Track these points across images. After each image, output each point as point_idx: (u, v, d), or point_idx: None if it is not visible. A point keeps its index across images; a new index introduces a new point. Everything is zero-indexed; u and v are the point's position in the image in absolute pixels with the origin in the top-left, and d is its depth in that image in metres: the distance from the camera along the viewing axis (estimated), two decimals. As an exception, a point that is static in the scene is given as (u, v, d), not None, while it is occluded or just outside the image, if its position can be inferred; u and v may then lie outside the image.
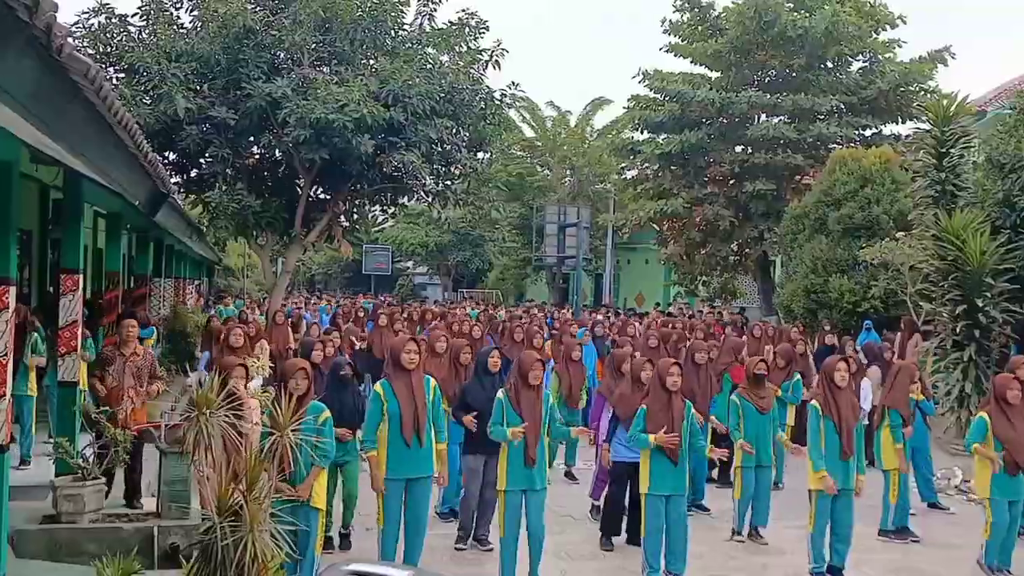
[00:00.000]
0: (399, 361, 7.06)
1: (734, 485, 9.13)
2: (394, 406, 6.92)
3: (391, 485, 6.97)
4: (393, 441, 6.93)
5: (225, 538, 4.85)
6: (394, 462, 6.94)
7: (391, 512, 7.00)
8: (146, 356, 8.39)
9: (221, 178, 16.39)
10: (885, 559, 8.52)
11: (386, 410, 6.94)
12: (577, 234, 33.91)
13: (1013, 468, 7.83)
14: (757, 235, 25.11)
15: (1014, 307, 14.08)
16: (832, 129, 23.88)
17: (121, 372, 8.10)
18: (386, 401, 6.95)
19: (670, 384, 7.39)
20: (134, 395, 8.01)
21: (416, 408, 6.94)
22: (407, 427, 6.89)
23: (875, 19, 25.13)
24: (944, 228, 13.77)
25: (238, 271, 45.03)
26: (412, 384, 7.01)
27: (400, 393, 6.95)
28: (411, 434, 6.90)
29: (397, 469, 6.95)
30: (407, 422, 6.89)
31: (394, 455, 6.94)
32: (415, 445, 6.92)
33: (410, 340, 7.25)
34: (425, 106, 15.28)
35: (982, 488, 8.02)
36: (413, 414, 6.91)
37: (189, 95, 14.92)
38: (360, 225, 21.04)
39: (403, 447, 6.92)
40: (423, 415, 6.97)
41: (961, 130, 15.19)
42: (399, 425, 6.90)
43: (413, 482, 7.01)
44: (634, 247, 38.80)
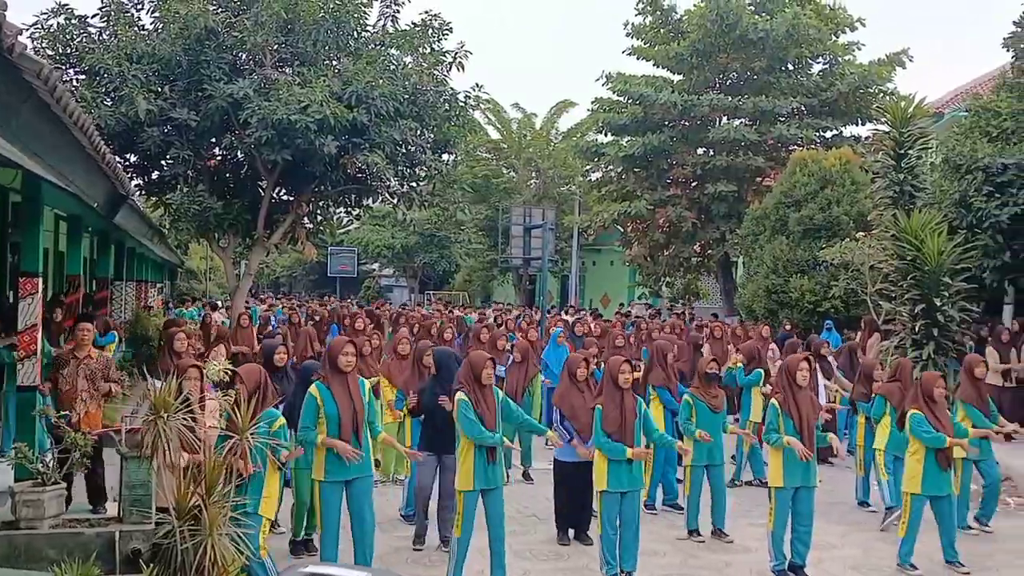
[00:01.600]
0: (336, 363, 7.04)
1: (684, 483, 9.24)
2: (332, 408, 6.91)
3: (328, 488, 6.95)
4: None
5: (184, 541, 4.81)
6: (333, 464, 6.93)
7: (330, 515, 6.98)
8: (100, 360, 8.30)
9: (182, 180, 16.23)
10: (846, 555, 8.62)
11: (323, 412, 6.92)
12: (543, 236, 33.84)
13: (945, 463, 7.99)
14: (719, 236, 25.34)
15: (971, 306, 14.34)
16: (792, 131, 24.16)
17: (75, 375, 8.02)
18: (323, 403, 6.93)
19: (621, 382, 7.46)
20: (88, 398, 7.92)
21: (355, 409, 6.94)
22: (346, 429, 6.90)
23: (835, 22, 25.49)
24: (903, 228, 13.97)
25: (200, 274, 44.61)
26: (349, 386, 7.01)
27: (338, 395, 6.94)
28: (350, 435, 6.90)
29: (335, 472, 6.94)
30: (346, 424, 6.90)
31: (332, 457, 6.92)
32: (353, 446, 6.92)
33: (348, 342, 7.21)
34: (389, 107, 15.24)
35: (912, 484, 8.11)
36: (352, 417, 6.92)
37: (150, 97, 14.77)
38: (324, 227, 20.92)
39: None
40: (361, 416, 6.97)
41: (919, 132, 15.44)
42: (338, 427, 6.90)
43: (352, 482, 7.00)
44: (599, 249, 38.98)
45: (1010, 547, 9.02)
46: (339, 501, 7.00)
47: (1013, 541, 9.22)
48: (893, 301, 14.83)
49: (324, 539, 7.03)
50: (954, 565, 8.11)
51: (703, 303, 30.35)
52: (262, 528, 6.31)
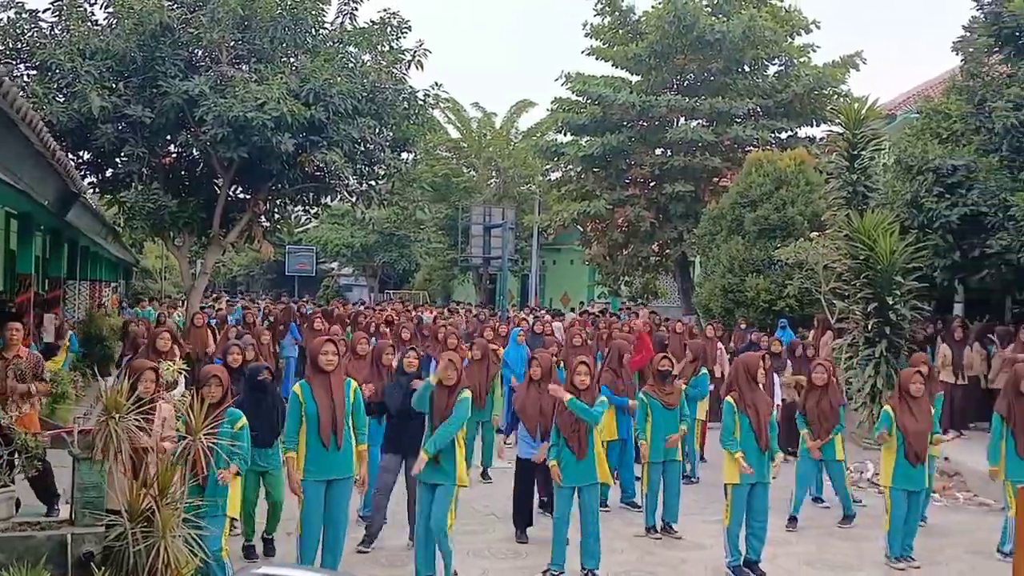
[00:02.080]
0: (317, 362, 7.05)
1: (641, 480, 9.33)
2: (312, 408, 6.90)
3: (309, 487, 6.93)
4: (311, 443, 6.91)
5: (137, 544, 4.75)
6: (312, 464, 6.91)
7: (310, 515, 6.95)
8: (30, 358, 8.18)
9: (137, 177, 16.00)
10: (800, 551, 8.73)
11: (304, 412, 6.91)
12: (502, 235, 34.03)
13: (914, 458, 8.16)
14: (677, 236, 25.55)
15: (922, 304, 14.61)
16: (748, 132, 24.43)
17: (2, 376, 7.90)
18: (304, 403, 6.92)
19: (577, 382, 7.51)
20: (18, 398, 7.80)
21: (334, 410, 6.91)
22: (324, 429, 6.87)
23: (790, 24, 25.83)
24: (856, 228, 14.17)
25: (156, 273, 44.03)
26: (331, 386, 6.98)
27: (318, 395, 6.92)
28: (328, 436, 6.87)
29: (315, 471, 6.91)
30: (324, 424, 6.87)
31: (312, 457, 6.90)
32: (332, 447, 6.89)
33: (327, 341, 7.20)
34: (347, 105, 15.16)
35: (885, 478, 8.35)
36: (331, 416, 6.89)
37: (104, 93, 14.55)
38: (282, 225, 20.74)
39: (321, 449, 6.90)
40: (341, 417, 6.94)
41: (872, 133, 15.67)
42: (317, 427, 6.88)
43: (331, 484, 6.97)
44: (559, 248, 39.11)
45: (958, 541, 9.21)
46: (320, 502, 6.96)
47: (961, 535, 9.42)
48: (846, 300, 15.04)
49: (303, 540, 6.98)
50: (906, 559, 8.28)
51: (661, 302, 30.57)
52: (226, 528, 6.27)
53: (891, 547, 8.27)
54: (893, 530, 8.25)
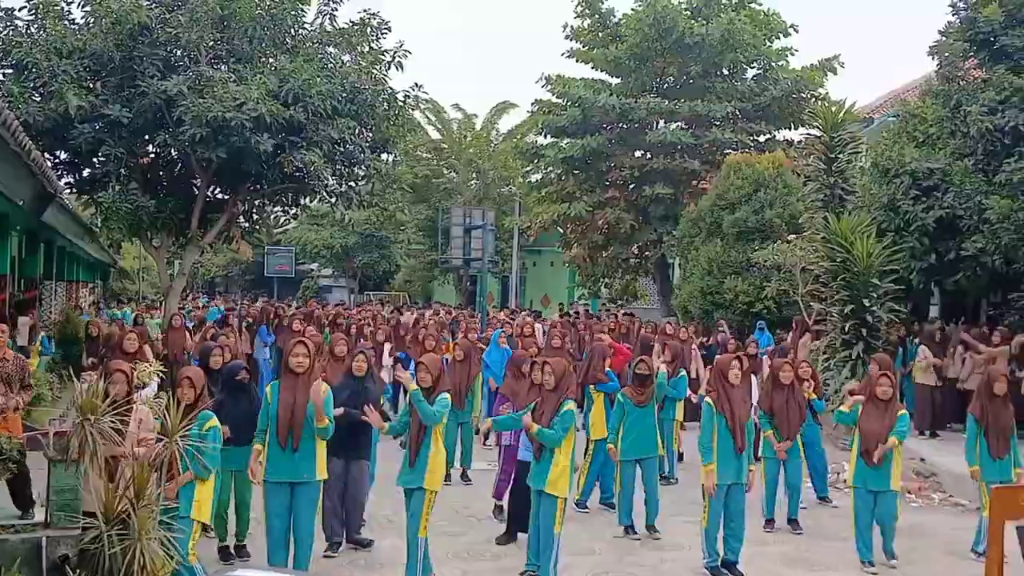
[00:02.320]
0: (287, 363, 7.06)
1: (615, 481, 9.36)
2: (274, 408, 6.93)
3: (269, 488, 6.96)
4: (271, 443, 6.95)
5: (112, 546, 4.72)
6: (271, 464, 6.95)
7: (271, 516, 6.97)
8: (16, 362, 8.08)
9: (114, 178, 15.86)
10: (778, 552, 8.79)
11: (269, 412, 6.96)
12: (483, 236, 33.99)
13: (869, 458, 8.25)
14: (656, 238, 25.65)
15: (898, 307, 14.74)
16: (727, 135, 24.56)
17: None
18: (271, 403, 6.97)
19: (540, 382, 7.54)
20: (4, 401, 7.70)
21: (293, 411, 6.87)
22: (281, 430, 6.88)
23: (769, 28, 25.97)
24: (833, 231, 14.29)
25: (134, 274, 43.71)
26: (296, 387, 6.95)
27: (283, 396, 6.93)
28: (285, 437, 6.87)
29: (273, 472, 6.95)
30: (281, 425, 6.88)
31: (271, 457, 6.94)
32: (289, 449, 6.88)
33: (298, 343, 7.18)
34: (326, 106, 15.11)
35: (851, 477, 8.47)
36: (289, 417, 6.87)
37: (81, 92, 14.43)
38: (260, 226, 20.65)
39: (279, 450, 6.91)
40: (300, 419, 6.88)
41: (849, 136, 15.80)
42: (275, 427, 6.91)
43: (295, 488, 6.96)
44: (539, 250, 39.14)
45: (933, 541, 9.29)
46: (281, 505, 6.95)
47: (935, 536, 9.50)
48: (824, 302, 15.16)
49: (269, 542, 6.99)
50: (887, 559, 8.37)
51: (641, 304, 30.67)
52: (193, 533, 6.21)
53: (859, 549, 8.34)
54: (858, 531, 8.32)
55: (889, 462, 8.26)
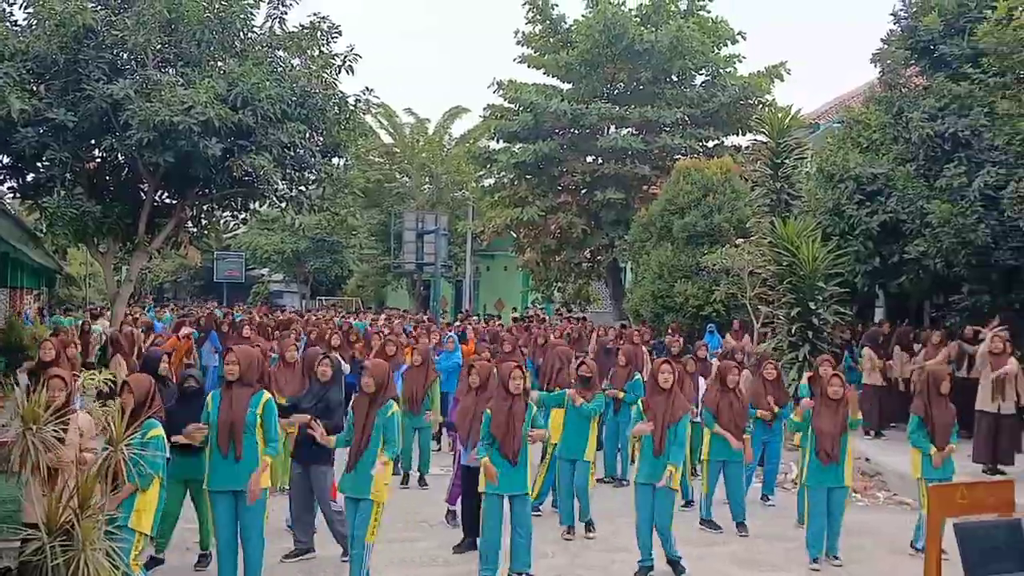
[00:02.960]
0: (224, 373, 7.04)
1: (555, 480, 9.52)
2: (214, 416, 6.89)
3: (214, 497, 6.92)
4: (212, 451, 6.90)
5: (56, 558, 4.64)
6: (213, 473, 6.89)
7: (219, 527, 6.93)
8: None
9: (59, 182, 15.58)
10: (728, 551, 8.89)
11: (208, 420, 6.91)
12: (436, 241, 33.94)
13: (824, 457, 8.41)
14: (608, 242, 25.80)
15: (843, 309, 15.01)
16: (677, 140, 24.78)
17: None
18: (210, 411, 6.93)
19: (512, 388, 7.55)
20: None
21: (233, 419, 6.83)
22: (222, 438, 6.84)
23: (717, 35, 26.26)
24: (780, 235, 14.51)
25: (80, 280, 42.87)
26: (231, 396, 6.93)
27: (222, 403, 6.91)
28: (226, 445, 6.83)
29: (216, 480, 6.89)
30: (222, 433, 6.84)
31: (213, 466, 6.89)
32: (231, 457, 6.83)
33: (227, 351, 7.22)
34: (276, 110, 15.00)
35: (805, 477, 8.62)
36: (228, 425, 6.83)
37: (24, 96, 14.14)
38: (209, 231, 20.39)
39: (220, 458, 6.87)
40: (239, 427, 6.84)
41: (795, 142, 16.07)
42: (216, 435, 6.86)
43: (239, 495, 6.90)
44: (492, 254, 39.16)
45: (878, 540, 9.46)
46: (228, 514, 6.89)
47: (880, 534, 9.68)
48: (771, 305, 15.37)
49: (219, 552, 6.95)
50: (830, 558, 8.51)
51: (594, 308, 30.82)
52: (135, 543, 6.10)
53: (810, 547, 8.47)
54: (814, 530, 8.46)
55: (843, 459, 8.47)
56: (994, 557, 5.05)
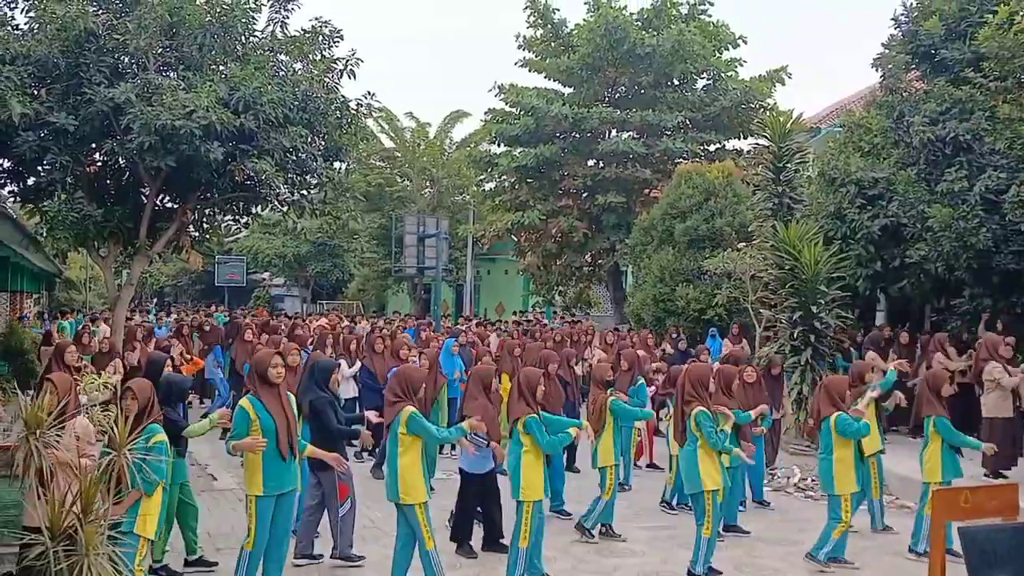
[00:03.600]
0: (266, 376, 6.94)
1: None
2: (268, 422, 6.79)
3: (266, 502, 6.83)
4: (270, 457, 6.78)
5: (59, 563, 4.63)
6: (270, 479, 6.81)
7: (264, 532, 6.85)
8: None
9: (60, 186, 15.55)
10: (729, 555, 8.88)
11: (259, 426, 6.78)
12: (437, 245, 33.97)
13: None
14: (609, 246, 25.82)
15: (845, 313, 15.00)
16: (678, 144, 24.80)
17: None
18: (257, 417, 6.79)
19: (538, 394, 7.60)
20: None
21: (288, 422, 6.87)
22: (283, 441, 6.81)
23: (718, 39, 26.31)
24: (781, 239, 14.51)
25: (80, 284, 42.89)
26: (281, 398, 6.94)
27: (272, 408, 6.83)
28: (287, 448, 6.83)
29: (272, 486, 6.83)
30: (283, 436, 6.80)
31: (270, 471, 6.80)
32: (290, 459, 6.86)
33: (275, 354, 7.19)
34: (278, 114, 14.98)
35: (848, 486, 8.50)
36: (287, 428, 6.84)
37: (25, 100, 14.11)
38: (211, 235, 20.36)
39: (279, 462, 6.82)
40: (294, 429, 6.92)
41: (797, 146, 16.07)
42: (276, 440, 6.78)
43: (282, 497, 6.92)
44: (493, 258, 39.18)
45: (880, 543, 9.48)
46: (271, 517, 6.89)
47: (880, 537, 9.69)
48: (773, 309, 15.37)
49: (251, 557, 6.87)
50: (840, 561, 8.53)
51: (595, 311, 30.83)
52: (139, 548, 6.09)
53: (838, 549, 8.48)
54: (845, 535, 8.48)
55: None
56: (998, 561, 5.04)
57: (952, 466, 8.56)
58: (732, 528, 9.57)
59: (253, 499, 6.81)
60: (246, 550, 6.84)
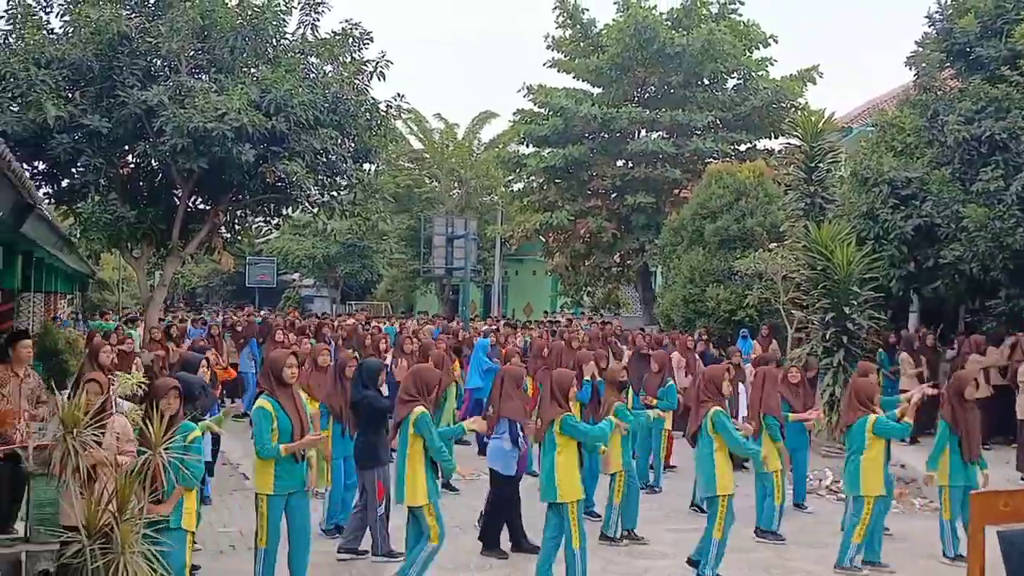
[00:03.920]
0: (281, 376, 7.00)
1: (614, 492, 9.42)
2: (285, 422, 6.87)
3: (276, 501, 6.90)
4: (284, 456, 6.86)
5: (95, 560, 4.69)
6: (281, 478, 6.89)
7: (276, 530, 6.92)
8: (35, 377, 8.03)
9: (93, 188, 15.77)
10: (759, 558, 8.81)
11: (277, 426, 6.85)
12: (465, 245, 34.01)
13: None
14: (638, 247, 25.74)
15: (878, 314, 14.84)
16: (708, 144, 24.69)
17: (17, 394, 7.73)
18: (277, 417, 6.86)
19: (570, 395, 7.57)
20: (28, 419, 7.61)
21: (302, 421, 6.94)
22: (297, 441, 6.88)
23: (748, 38, 26.18)
24: (814, 239, 14.38)
25: (113, 285, 43.37)
26: (295, 397, 7.00)
27: (288, 408, 6.92)
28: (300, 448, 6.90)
29: (282, 485, 6.90)
30: (297, 437, 6.88)
31: (282, 471, 6.88)
32: (302, 459, 6.95)
33: (290, 355, 7.23)
34: (308, 116, 15.08)
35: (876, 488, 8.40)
36: (301, 428, 6.92)
37: (60, 102, 14.32)
38: (242, 236, 20.55)
39: (292, 462, 6.90)
40: (307, 429, 7.00)
41: (829, 146, 15.92)
42: (291, 440, 6.85)
43: (292, 496, 6.97)
44: (521, 259, 39.18)
45: (913, 547, 9.34)
46: (282, 515, 6.95)
47: (914, 540, 9.56)
48: (805, 310, 15.24)
49: (266, 556, 6.93)
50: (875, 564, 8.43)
51: (624, 312, 30.75)
52: (187, 542, 6.19)
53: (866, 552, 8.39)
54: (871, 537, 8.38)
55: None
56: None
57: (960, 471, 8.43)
58: (768, 533, 9.50)
59: (264, 498, 6.89)
60: (260, 548, 6.94)
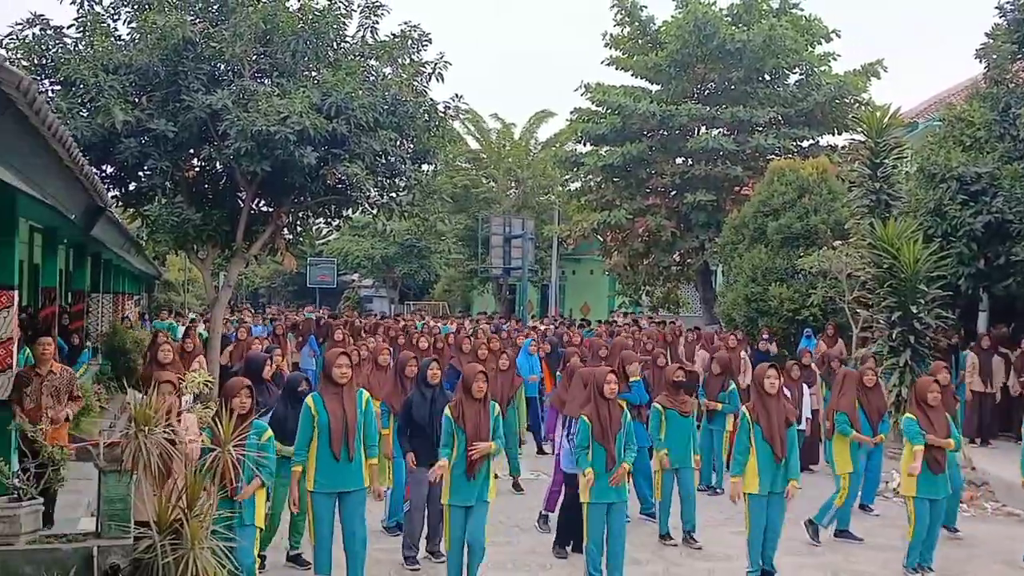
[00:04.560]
0: (331, 375, 7.10)
1: (656, 489, 9.35)
2: (324, 418, 6.96)
3: (319, 498, 7.00)
4: (322, 454, 6.97)
5: (166, 556, 4.78)
6: (322, 476, 6.98)
7: (321, 527, 7.02)
8: (63, 374, 8.22)
9: (160, 191, 16.08)
10: (826, 562, 8.69)
11: (316, 423, 6.95)
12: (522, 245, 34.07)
13: (936, 466, 8.11)
14: (698, 245, 25.48)
15: (946, 313, 14.49)
16: (770, 140, 24.34)
17: (38, 392, 7.94)
18: (316, 414, 6.97)
19: (607, 392, 7.47)
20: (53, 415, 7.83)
21: (346, 422, 6.96)
22: (335, 440, 6.94)
23: (810, 33, 25.73)
24: (879, 237, 14.10)
25: (178, 285, 44.32)
26: (343, 398, 7.04)
27: (330, 406, 6.98)
28: (339, 447, 6.95)
29: (325, 483, 6.98)
30: (336, 435, 6.94)
31: (322, 468, 6.97)
32: (344, 459, 6.95)
33: (341, 354, 7.28)
34: (368, 118, 15.19)
35: (908, 488, 8.27)
36: (342, 428, 6.95)
37: (127, 107, 14.63)
38: (304, 237, 20.79)
39: (331, 460, 6.96)
40: (352, 428, 6.99)
41: (894, 141, 15.60)
42: (328, 438, 6.94)
43: (343, 496, 7.02)
44: (579, 258, 39.09)
45: (986, 551, 9.14)
46: (330, 513, 7.03)
47: (987, 545, 9.34)
48: (870, 309, 14.96)
49: (316, 552, 7.05)
50: (924, 569, 8.22)
51: (683, 312, 30.48)
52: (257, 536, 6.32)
53: (909, 557, 8.21)
54: (916, 540, 8.20)
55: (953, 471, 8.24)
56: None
57: None
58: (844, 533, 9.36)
59: (308, 494, 7.04)
60: (311, 543, 7.11)
